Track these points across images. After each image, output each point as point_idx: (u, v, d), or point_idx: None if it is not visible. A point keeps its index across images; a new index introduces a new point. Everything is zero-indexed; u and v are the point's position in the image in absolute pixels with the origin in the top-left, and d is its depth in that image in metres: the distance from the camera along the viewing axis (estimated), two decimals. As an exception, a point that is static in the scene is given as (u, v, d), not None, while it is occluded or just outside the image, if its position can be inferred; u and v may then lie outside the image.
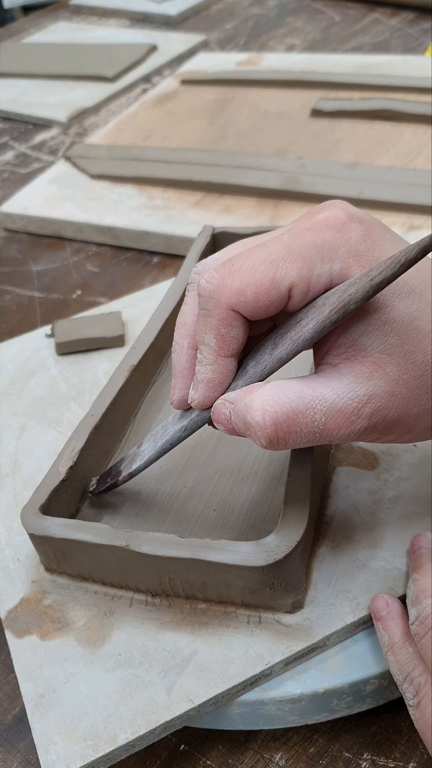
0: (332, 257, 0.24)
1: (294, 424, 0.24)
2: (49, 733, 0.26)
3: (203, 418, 0.27)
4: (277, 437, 0.24)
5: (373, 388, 0.24)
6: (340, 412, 0.24)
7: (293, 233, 0.25)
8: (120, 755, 0.25)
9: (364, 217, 0.25)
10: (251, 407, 0.24)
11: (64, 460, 0.31)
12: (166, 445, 0.29)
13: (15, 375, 0.42)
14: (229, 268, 0.25)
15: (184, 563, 0.27)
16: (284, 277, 0.24)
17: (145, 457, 0.30)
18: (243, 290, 0.24)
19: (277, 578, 0.26)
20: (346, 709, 0.27)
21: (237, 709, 0.27)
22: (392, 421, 0.25)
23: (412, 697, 0.24)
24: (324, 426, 0.24)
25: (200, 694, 0.26)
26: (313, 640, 0.27)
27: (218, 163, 0.61)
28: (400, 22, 0.92)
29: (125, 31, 1.00)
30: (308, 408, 0.24)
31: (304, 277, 0.24)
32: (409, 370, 0.24)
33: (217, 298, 0.25)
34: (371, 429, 0.24)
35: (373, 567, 0.29)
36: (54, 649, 0.28)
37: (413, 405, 0.25)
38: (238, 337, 0.25)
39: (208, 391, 0.26)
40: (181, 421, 0.28)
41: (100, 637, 0.28)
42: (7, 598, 0.30)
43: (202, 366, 0.26)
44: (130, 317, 0.45)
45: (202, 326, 0.25)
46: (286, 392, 0.24)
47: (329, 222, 0.25)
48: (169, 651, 0.27)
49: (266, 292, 0.24)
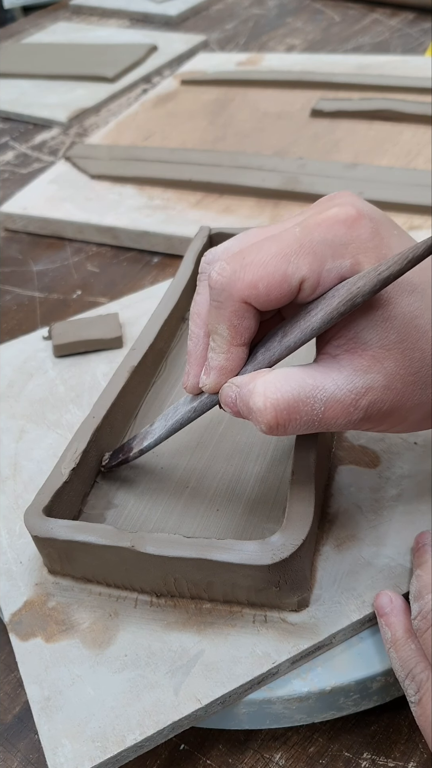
0: (342, 253, 0.25)
1: (294, 411, 0.24)
2: (57, 736, 0.26)
3: (212, 401, 0.28)
4: (277, 423, 0.25)
5: (370, 382, 0.25)
6: (339, 402, 0.25)
7: (304, 228, 0.25)
8: (128, 756, 0.25)
9: (372, 214, 0.26)
10: (254, 393, 0.25)
11: (66, 462, 0.31)
12: (176, 425, 0.30)
13: (13, 377, 0.41)
14: (240, 261, 0.25)
15: (190, 563, 0.27)
16: (296, 272, 0.24)
17: (156, 435, 0.31)
18: (255, 284, 0.25)
19: (282, 577, 0.26)
20: (352, 706, 0.27)
21: (244, 709, 0.27)
22: (386, 412, 0.25)
23: (413, 693, 0.24)
24: (323, 415, 0.25)
25: (208, 693, 0.26)
26: (320, 638, 0.27)
27: (218, 163, 0.61)
28: (400, 22, 0.92)
29: (125, 32, 1.00)
30: (309, 397, 0.24)
31: (314, 272, 0.25)
32: (405, 366, 0.25)
33: (229, 290, 0.25)
34: (366, 419, 0.25)
35: (377, 564, 0.29)
36: (59, 652, 0.28)
37: (407, 398, 0.26)
38: (250, 327, 0.26)
39: (219, 377, 0.27)
40: (191, 402, 0.29)
41: (105, 639, 0.28)
42: (11, 601, 0.30)
43: (215, 353, 0.27)
44: (127, 319, 0.45)
45: (215, 317, 0.26)
46: (288, 380, 0.25)
47: (339, 218, 0.25)
48: (175, 651, 0.27)
49: (278, 286, 0.25)
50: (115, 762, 0.25)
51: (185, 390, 0.29)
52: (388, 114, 0.65)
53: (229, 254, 0.27)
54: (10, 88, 0.87)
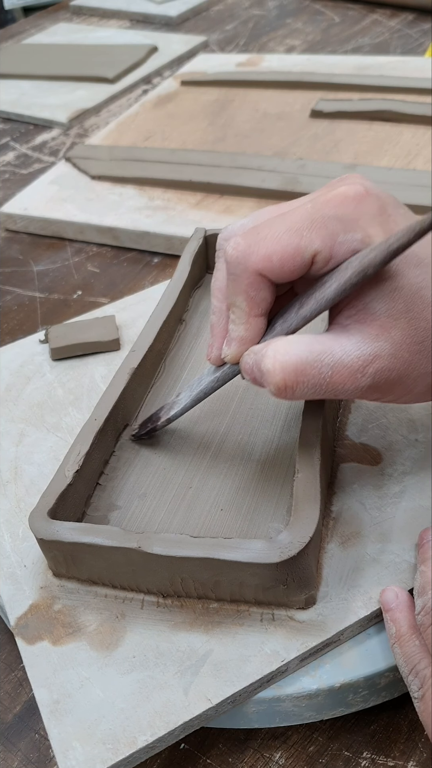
0: (353, 227, 0.26)
1: (302, 374, 0.26)
2: (67, 739, 0.25)
3: (234, 371, 0.30)
4: (285, 385, 0.26)
5: (378, 349, 0.26)
6: (347, 367, 0.26)
7: (315, 204, 0.27)
8: (140, 758, 0.25)
9: (380, 193, 0.28)
10: (266, 356, 0.26)
11: (70, 465, 0.31)
12: (201, 395, 0.32)
13: (10, 381, 0.41)
14: (255, 236, 0.27)
15: (197, 563, 0.27)
16: (308, 245, 0.26)
17: (182, 404, 0.33)
18: (269, 257, 0.26)
19: (290, 575, 0.26)
20: (361, 703, 0.27)
21: (254, 707, 0.27)
22: (393, 381, 0.27)
23: (417, 689, 0.25)
24: (330, 379, 0.26)
25: (218, 693, 0.26)
26: (328, 635, 0.27)
27: (218, 163, 0.61)
28: (399, 23, 0.92)
29: (126, 32, 1.00)
30: (317, 361, 0.26)
31: (327, 245, 0.26)
32: (412, 335, 0.26)
33: (244, 264, 0.27)
34: (374, 388, 0.26)
35: (382, 561, 0.29)
36: (67, 654, 0.28)
37: (413, 368, 0.27)
38: (266, 299, 0.28)
39: (240, 347, 0.29)
40: (214, 373, 0.31)
41: (113, 641, 0.28)
42: (16, 605, 0.30)
43: (235, 325, 0.28)
44: (123, 321, 0.45)
45: (232, 290, 0.28)
46: (298, 344, 0.26)
47: (349, 195, 0.27)
48: (183, 651, 0.27)
49: (291, 259, 0.26)
50: (127, 764, 0.25)
51: (209, 362, 0.31)
52: (388, 115, 0.65)
53: (244, 230, 0.29)
54: (11, 88, 0.87)
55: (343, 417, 0.36)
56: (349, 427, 0.35)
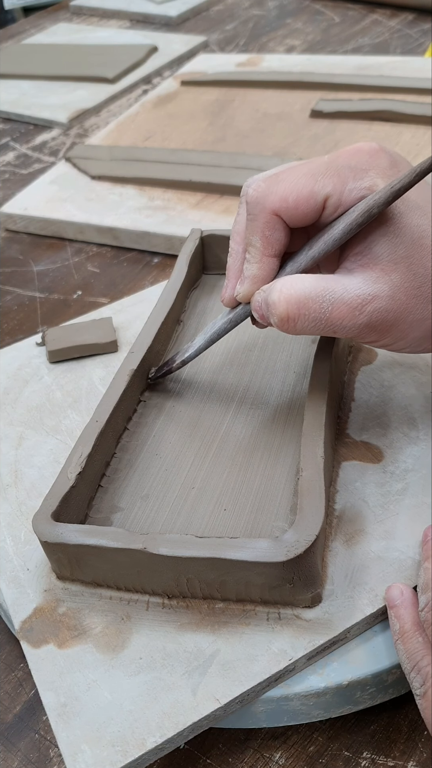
0: (363, 176, 0.29)
1: (303, 307, 0.28)
2: (76, 741, 0.25)
3: (246, 312, 0.32)
4: (288, 316, 0.28)
5: (377, 290, 0.28)
6: (346, 304, 0.28)
7: (332, 156, 0.30)
8: (149, 759, 0.25)
9: (393, 152, 0.30)
10: (272, 289, 0.29)
11: (72, 467, 0.31)
12: (214, 335, 0.34)
13: (8, 385, 0.41)
14: (275, 180, 0.29)
15: (203, 563, 0.26)
16: (321, 189, 0.28)
17: (196, 346, 0.35)
18: (286, 197, 0.29)
19: (296, 573, 0.26)
20: (369, 700, 0.27)
21: (262, 707, 0.27)
22: (389, 323, 0.28)
23: (419, 686, 0.25)
24: (330, 314, 0.28)
25: (226, 693, 0.26)
26: (335, 633, 0.27)
27: (218, 164, 0.61)
28: (399, 23, 0.92)
29: (126, 32, 1.00)
30: (318, 296, 0.28)
31: (337, 191, 0.28)
32: (410, 279, 0.28)
33: (262, 203, 0.29)
34: (371, 327, 0.28)
35: (387, 558, 0.29)
36: (73, 657, 0.28)
37: (409, 312, 0.28)
38: (281, 239, 0.30)
39: (252, 285, 0.31)
40: (228, 315, 0.33)
41: (119, 643, 0.28)
42: (21, 608, 0.30)
43: (249, 264, 0.31)
44: (120, 323, 0.44)
45: (250, 229, 0.30)
46: (304, 281, 0.28)
47: (363, 149, 0.29)
48: (190, 652, 0.27)
49: (305, 200, 0.28)
50: (137, 766, 0.25)
51: (222, 304, 0.33)
52: (388, 115, 0.65)
53: (267, 176, 0.31)
54: (11, 88, 0.87)
55: (344, 415, 0.36)
56: (350, 426, 0.35)
